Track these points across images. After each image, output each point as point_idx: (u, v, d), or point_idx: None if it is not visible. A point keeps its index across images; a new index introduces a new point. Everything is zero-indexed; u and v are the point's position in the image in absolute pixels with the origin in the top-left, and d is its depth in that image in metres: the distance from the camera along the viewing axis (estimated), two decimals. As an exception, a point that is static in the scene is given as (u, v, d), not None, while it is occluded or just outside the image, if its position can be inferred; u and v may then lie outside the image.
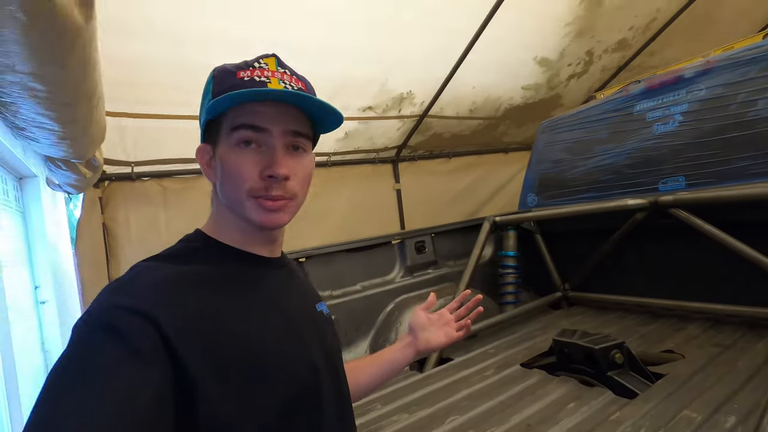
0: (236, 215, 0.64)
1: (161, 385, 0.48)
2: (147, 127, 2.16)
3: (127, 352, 0.47)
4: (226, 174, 0.61)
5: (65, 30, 0.46)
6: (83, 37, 0.52)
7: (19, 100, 0.57)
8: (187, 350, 0.51)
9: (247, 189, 0.60)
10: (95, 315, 0.51)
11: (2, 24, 0.39)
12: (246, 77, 0.59)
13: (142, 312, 0.50)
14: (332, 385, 0.70)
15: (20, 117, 0.63)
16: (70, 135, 0.80)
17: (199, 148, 0.65)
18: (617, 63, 3.32)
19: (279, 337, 0.62)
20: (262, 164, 0.59)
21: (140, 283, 0.56)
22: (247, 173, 0.59)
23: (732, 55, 1.75)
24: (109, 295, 0.54)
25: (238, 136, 0.59)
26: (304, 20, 1.94)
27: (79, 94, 0.65)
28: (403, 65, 2.46)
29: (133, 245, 2.29)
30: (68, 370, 0.47)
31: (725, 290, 1.78)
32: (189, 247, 0.65)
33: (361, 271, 2.20)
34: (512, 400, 1.40)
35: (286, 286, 0.71)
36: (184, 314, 0.53)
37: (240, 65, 0.62)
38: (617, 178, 2.08)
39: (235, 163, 0.59)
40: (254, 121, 0.59)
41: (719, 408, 1.15)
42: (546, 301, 2.31)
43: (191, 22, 1.74)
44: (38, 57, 0.46)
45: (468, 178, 3.81)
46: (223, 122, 0.61)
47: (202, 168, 0.65)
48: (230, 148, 0.60)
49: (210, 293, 0.58)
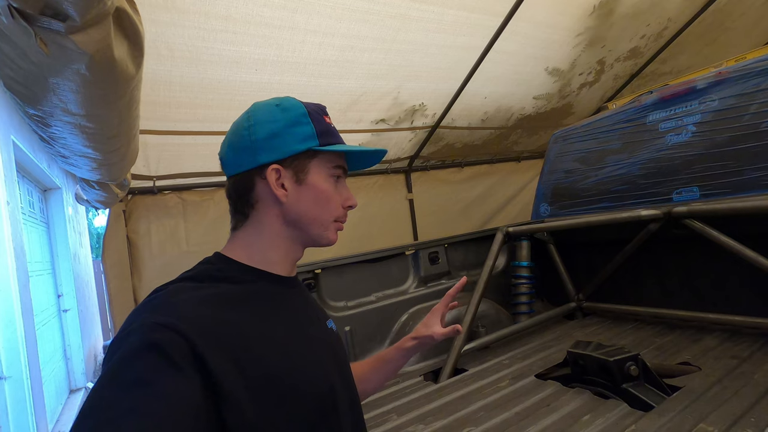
0: (296, 233, 0.72)
1: (199, 398, 0.51)
2: (168, 143, 2.25)
3: (168, 365, 0.50)
4: (321, 198, 0.71)
5: (119, 81, 0.51)
6: (132, 83, 0.57)
7: (69, 136, 0.62)
8: (218, 367, 0.54)
9: (336, 215, 0.73)
10: (137, 331, 0.54)
11: (66, 77, 0.43)
12: (330, 124, 0.74)
13: (178, 329, 0.53)
14: (347, 399, 0.73)
15: (68, 148, 0.69)
16: (108, 162, 0.86)
17: (274, 168, 0.68)
18: (629, 71, 3.33)
19: (300, 358, 0.65)
20: (343, 196, 0.75)
21: (174, 302, 0.60)
22: (336, 202, 0.73)
23: (744, 66, 1.76)
24: (148, 313, 0.58)
25: (336, 172, 0.73)
26: (320, 39, 2.00)
27: (122, 128, 0.70)
28: (415, 79, 2.51)
29: (154, 256, 2.36)
30: (114, 382, 0.49)
31: (742, 301, 1.77)
32: (213, 268, 0.69)
33: (375, 282, 2.23)
34: (527, 412, 1.42)
35: (302, 306, 0.75)
36: (215, 333, 0.57)
37: (318, 109, 0.73)
38: (630, 189, 2.08)
39: (331, 192, 0.72)
40: (345, 166, 0.76)
41: (737, 421, 1.14)
42: (560, 311, 2.31)
43: (210, 44, 1.81)
44: (93, 102, 0.51)
45: (480, 187, 3.84)
46: (318, 155, 0.71)
47: (272, 185, 0.68)
48: (326, 179, 0.72)
49: (236, 313, 0.61)
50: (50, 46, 0.38)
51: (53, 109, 0.52)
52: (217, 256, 0.73)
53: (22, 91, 0.48)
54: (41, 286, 4.04)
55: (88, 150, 0.72)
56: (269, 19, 1.83)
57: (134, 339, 0.53)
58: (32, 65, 0.43)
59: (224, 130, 2.52)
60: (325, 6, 1.88)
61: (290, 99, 0.74)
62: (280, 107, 0.71)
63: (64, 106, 0.51)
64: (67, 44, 0.39)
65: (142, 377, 0.49)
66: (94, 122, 0.61)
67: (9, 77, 0.45)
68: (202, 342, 0.54)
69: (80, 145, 0.68)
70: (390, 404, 1.66)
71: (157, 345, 0.51)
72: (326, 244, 0.76)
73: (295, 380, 0.62)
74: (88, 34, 0.39)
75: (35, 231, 4.07)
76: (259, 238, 0.71)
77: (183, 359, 0.52)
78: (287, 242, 0.72)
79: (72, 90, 0.48)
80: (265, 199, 0.70)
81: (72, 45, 0.39)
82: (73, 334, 4.86)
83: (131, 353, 0.51)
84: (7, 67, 0.43)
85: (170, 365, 0.51)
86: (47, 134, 0.64)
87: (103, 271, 2.12)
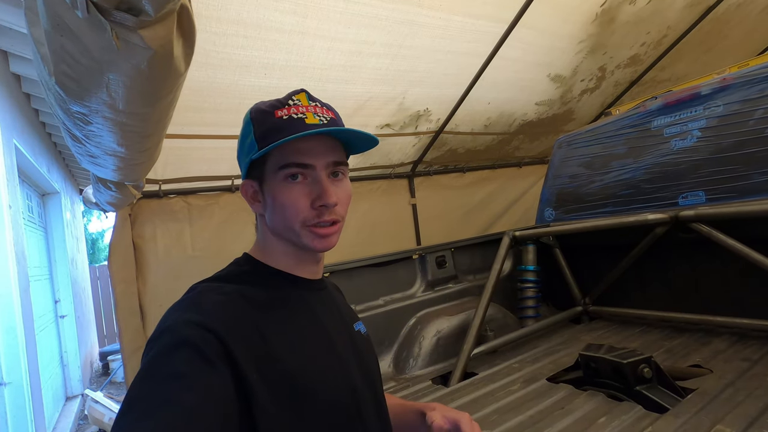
0: (285, 242, 0.69)
1: (231, 392, 0.53)
2: (175, 146, 2.24)
3: (201, 360, 0.52)
4: (278, 207, 0.65)
5: (171, 78, 0.51)
6: (180, 81, 0.57)
7: (106, 134, 0.62)
8: (245, 364, 0.55)
9: (301, 220, 0.65)
10: (171, 329, 0.55)
11: (124, 72, 0.44)
12: (284, 116, 0.64)
13: (209, 327, 0.55)
14: (372, 404, 0.73)
15: (100, 147, 0.68)
16: (136, 162, 0.86)
17: (243, 184, 0.70)
18: (630, 78, 3.37)
19: (320, 359, 0.66)
20: (311, 195, 0.65)
21: (204, 301, 0.61)
22: (301, 204, 0.64)
23: (748, 73, 1.79)
24: (182, 312, 0.59)
25: (286, 173, 0.64)
26: (328, 44, 2.02)
27: (158, 127, 0.70)
28: (420, 85, 2.53)
29: (160, 260, 2.34)
30: (151, 377, 0.51)
31: (750, 304, 1.78)
32: (240, 270, 0.70)
33: (382, 286, 2.23)
34: (542, 415, 1.41)
35: (327, 308, 0.75)
36: (242, 332, 0.58)
37: (274, 104, 0.66)
38: (636, 193, 2.11)
39: (287, 196, 0.64)
40: (300, 159, 0.64)
41: (753, 422, 1.15)
42: (567, 315, 2.31)
43: (221, 48, 1.82)
44: (141, 99, 0.51)
45: (482, 192, 3.85)
46: (268, 161, 0.66)
47: (248, 201, 0.70)
48: (279, 183, 0.65)
49: (261, 314, 0.63)
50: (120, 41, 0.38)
51: (100, 105, 0.52)
52: (246, 258, 0.74)
53: (74, 87, 0.48)
54: (39, 291, 4.00)
55: (121, 149, 0.71)
56: (280, 23, 1.84)
57: (169, 336, 0.55)
58: (92, 61, 0.43)
59: (231, 135, 2.52)
60: (335, 11, 1.89)
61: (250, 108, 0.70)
62: (245, 120, 0.70)
63: (113, 102, 0.51)
64: (134, 39, 0.39)
65: (176, 371, 0.51)
66: (135, 120, 0.61)
67: (63, 73, 0.45)
68: (230, 340, 0.55)
69: (114, 143, 0.68)
70: (402, 408, 1.65)
71: (190, 341, 0.53)
72: (316, 251, 0.70)
73: (314, 383, 0.62)
74: (154, 30, 0.39)
75: (34, 236, 4.03)
76: (265, 245, 0.72)
77: (215, 355, 0.53)
78: (288, 247, 0.71)
79: (126, 85, 0.48)
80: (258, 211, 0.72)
81: (139, 40, 0.39)
82: (70, 341, 4.80)
83: (166, 349, 0.53)
84: (65, 63, 0.43)
85: (203, 360, 0.52)
86: (83, 133, 0.64)
87: (109, 276, 2.10)
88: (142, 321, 2.16)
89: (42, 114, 4.25)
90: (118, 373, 5.61)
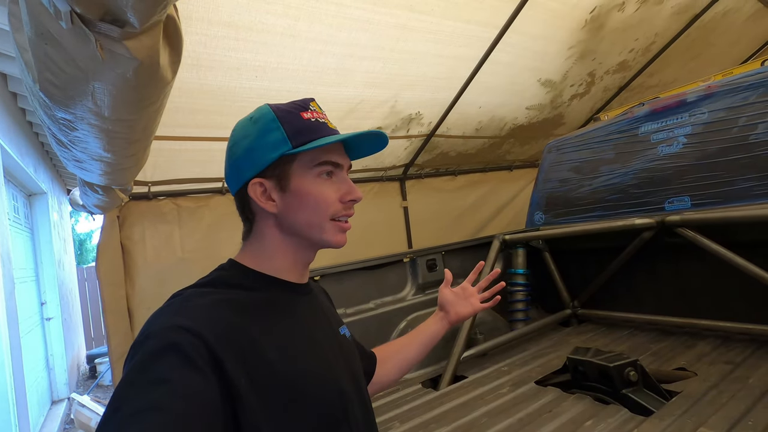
0: (297, 240, 0.71)
1: (217, 397, 0.53)
2: (164, 148, 2.22)
3: (188, 365, 0.52)
4: (309, 201, 0.68)
5: (158, 86, 0.51)
6: (167, 89, 0.57)
7: (92, 140, 0.62)
8: (232, 370, 0.55)
9: (332, 213, 0.70)
10: (157, 333, 0.55)
11: (109, 81, 0.43)
12: (312, 119, 0.69)
13: (196, 332, 0.55)
14: (359, 407, 0.73)
15: (86, 152, 0.68)
16: (122, 166, 0.85)
17: (254, 183, 0.69)
18: (618, 83, 3.42)
19: (308, 363, 0.66)
20: (340, 192, 0.71)
21: (192, 306, 0.61)
22: (331, 199, 0.69)
23: (732, 81, 1.82)
24: (168, 316, 0.59)
25: (321, 170, 0.69)
26: (320, 47, 2.02)
27: (145, 133, 0.69)
28: (412, 88, 2.54)
29: (148, 263, 2.32)
30: (136, 382, 0.51)
31: (734, 308, 1.82)
32: (227, 275, 0.70)
33: (373, 289, 2.23)
34: (530, 418, 1.43)
35: (313, 312, 0.76)
36: (230, 337, 0.58)
37: (296, 106, 0.69)
38: (624, 198, 2.13)
39: (321, 191, 0.69)
40: (335, 159, 0.70)
41: (735, 424, 1.17)
42: (556, 318, 2.34)
43: (212, 51, 1.81)
44: (127, 107, 0.51)
45: (473, 195, 3.88)
46: (298, 157, 0.68)
47: (257, 200, 0.69)
48: (313, 179, 0.69)
49: (248, 319, 0.63)
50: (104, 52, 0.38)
51: (85, 113, 0.52)
52: (231, 263, 0.74)
53: (58, 94, 0.48)
54: (25, 293, 3.93)
55: (107, 154, 0.71)
56: (272, 26, 1.83)
57: (154, 340, 0.54)
58: (78, 70, 0.43)
59: (221, 137, 2.52)
60: (327, 15, 1.89)
61: (262, 108, 0.71)
62: (252, 119, 0.71)
63: (98, 110, 0.51)
64: (119, 50, 0.39)
65: (162, 376, 0.50)
66: (122, 127, 0.60)
67: (48, 81, 0.45)
68: (218, 345, 0.55)
69: (100, 149, 0.67)
70: (392, 412, 1.65)
71: (176, 346, 0.53)
72: (334, 246, 0.74)
73: (302, 386, 0.63)
74: (140, 41, 0.39)
75: (20, 237, 3.97)
76: (264, 248, 0.72)
77: (201, 360, 0.53)
78: (292, 249, 0.72)
79: (111, 94, 0.48)
80: (261, 212, 0.71)
81: (124, 51, 0.39)
82: (56, 343, 4.72)
83: (152, 354, 0.53)
84: (49, 71, 0.43)
85: (189, 365, 0.52)
86: (68, 138, 0.63)
87: (97, 278, 2.08)
88: (131, 324, 2.13)
89: (29, 113, 4.18)
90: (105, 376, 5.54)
